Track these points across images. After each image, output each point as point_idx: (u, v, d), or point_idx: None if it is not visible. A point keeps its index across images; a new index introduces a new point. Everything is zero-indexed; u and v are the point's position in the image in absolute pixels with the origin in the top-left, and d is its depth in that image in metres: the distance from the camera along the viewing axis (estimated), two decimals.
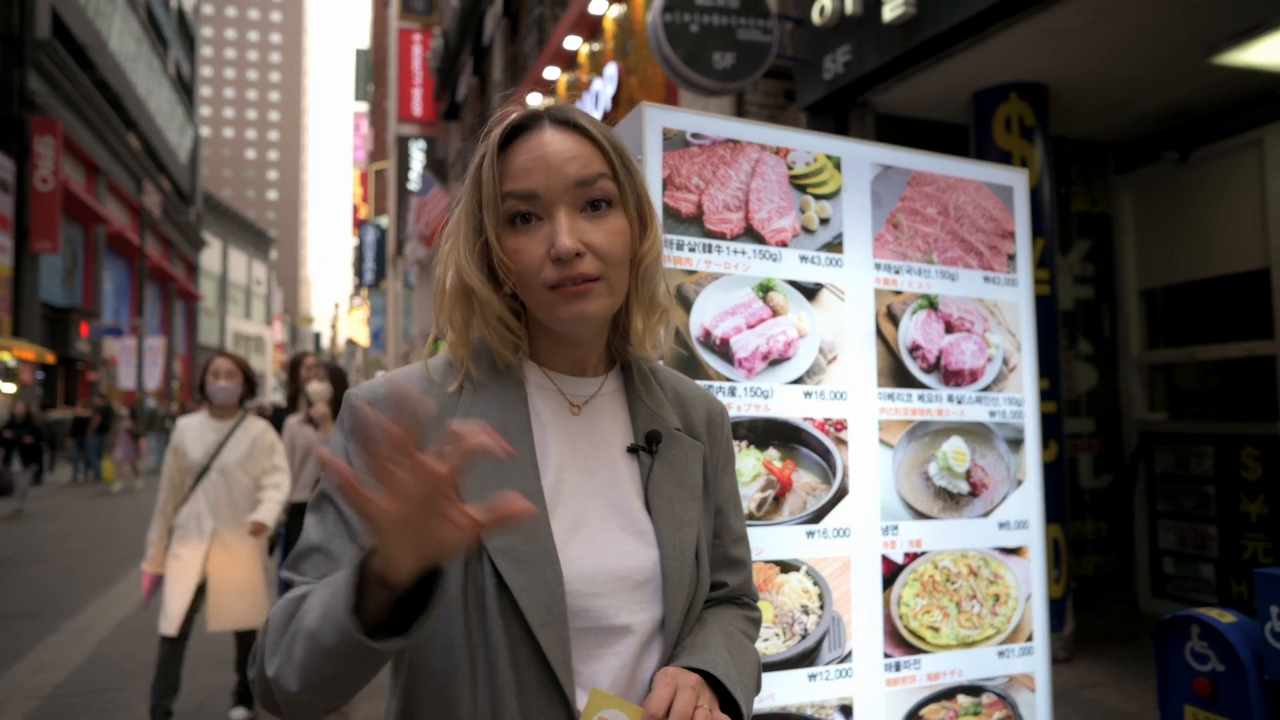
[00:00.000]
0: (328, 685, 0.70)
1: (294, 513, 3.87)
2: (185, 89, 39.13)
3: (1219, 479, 4.70)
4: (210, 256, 46.50)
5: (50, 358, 19.17)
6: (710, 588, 0.93)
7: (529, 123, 0.85)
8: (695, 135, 1.64)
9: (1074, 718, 3.54)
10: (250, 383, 3.59)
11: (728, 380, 1.63)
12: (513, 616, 0.77)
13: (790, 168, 1.72)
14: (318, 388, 4.00)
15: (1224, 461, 4.67)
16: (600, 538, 0.82)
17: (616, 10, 8.38)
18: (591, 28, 9.00)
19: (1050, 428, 4.32)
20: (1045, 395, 4.33)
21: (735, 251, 1.66)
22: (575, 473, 0.85)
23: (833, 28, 4.48)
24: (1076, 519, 5.09)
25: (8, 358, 17.02)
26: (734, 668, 0.85)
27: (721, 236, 1.65)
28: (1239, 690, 1.92)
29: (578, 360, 0.89)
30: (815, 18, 4.55)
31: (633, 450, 0.88)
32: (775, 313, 1.68)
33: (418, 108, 23.16)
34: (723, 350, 1.64)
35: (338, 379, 4.10)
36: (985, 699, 1.81)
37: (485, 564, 0.77)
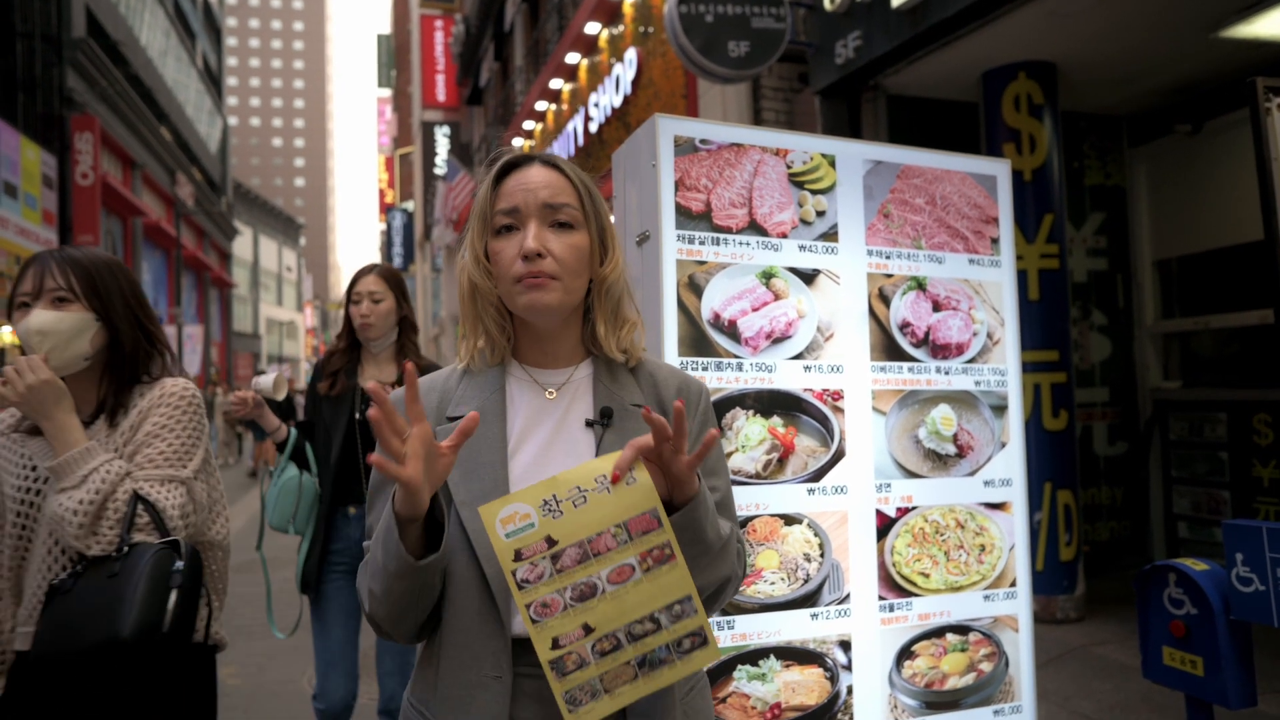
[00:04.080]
0: (401, 602, 0.96)
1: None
2: (213, 80, 39.71)
3: (1232, 445, 4.81)
4: (242, 245, 47.36)
5: None
6: None
7: (521, 162, 1.09)
8: (703, 141, 1.85)
9: (1079, 671, 3.73)
10: None
11: (735, 357, 1.85)
12: (470, 554, 0.99)
13: (789, 167, 1.92)
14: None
15: (1237, 427, 4.77)
16: None
17: None
18: (610, 12, 9.13)
19: (1060, 397, 4.47)
20: (1055, 366, 4.48)
21: (740, 243, 1.87)
22: (538, 444, 1.06)
23: (843, 14, 4.61)
24: (1092, 486, 5.23)
25: None
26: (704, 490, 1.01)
27: (728, 230, 1.86)
28: (1209, 630, 2.11)
29: (550, 353, 1.10)
30: (826, 4, 4.68)
31: (590, 424, 1.07)
32: (777, 296, 1.89)
33: (441, 93, 23.41)
34: (731, 331, 1.85)
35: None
36: (972, 637, 2.03)
37: (453, 515, 1.01)
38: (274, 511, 2.39)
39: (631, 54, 8.30)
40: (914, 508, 1.99)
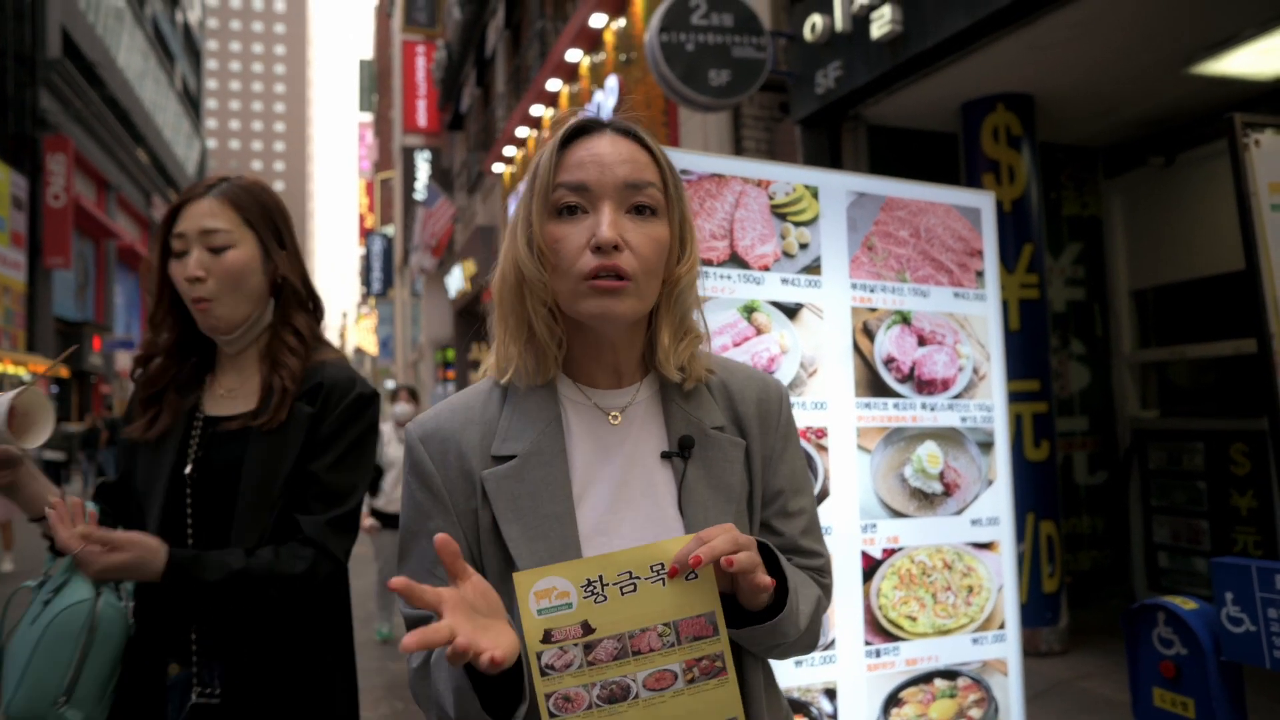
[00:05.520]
0: None
1: None
2: (192, 102, 39.54)
3: (1210, 474, 4.81)
4: None
5: (64, 372, 19.48)
6: None
7: (592, 127, 0.89)
8: (683, 171, 1.81)
9: (1066, 707, 3.67)
10: None
11: None
12: None
13: (771, 198, 1.88)
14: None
15: (1214, 457, 4.78)
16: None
17: (616, 24, 8.56)
18: (592, 40, 9.18)
19: (1042, 427, 4.46)
20: (1036, 396, 4.47)
21: (721, 276, 1.82)
22: (609, 485, 0.88)
23: (824, 44, 4.64)
24: (1073, 515, 5.22)
25: (23, 372, 17.32)
26: (793, 571, 0.88)
27: (708, 263, 1.81)
28: (1200, 671, 2.06)
29: (612, 368, 0.91)
30: (807, 34, 4.71)
31: (666, 456, 0.89)
32: (759, 331, 1.84)
33: (422, 118, 23.41)
34: None
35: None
36: (961, 682, 1.97)
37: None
38: (24, 681, 1.08)
39: (613, 81, 8.33)
40: (900, 548, 1.93)
